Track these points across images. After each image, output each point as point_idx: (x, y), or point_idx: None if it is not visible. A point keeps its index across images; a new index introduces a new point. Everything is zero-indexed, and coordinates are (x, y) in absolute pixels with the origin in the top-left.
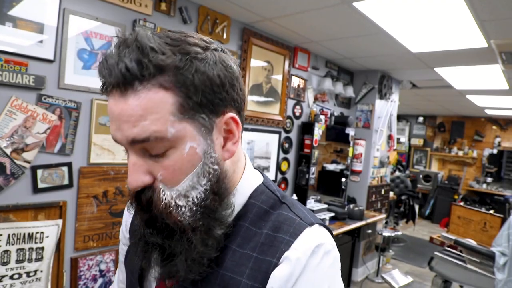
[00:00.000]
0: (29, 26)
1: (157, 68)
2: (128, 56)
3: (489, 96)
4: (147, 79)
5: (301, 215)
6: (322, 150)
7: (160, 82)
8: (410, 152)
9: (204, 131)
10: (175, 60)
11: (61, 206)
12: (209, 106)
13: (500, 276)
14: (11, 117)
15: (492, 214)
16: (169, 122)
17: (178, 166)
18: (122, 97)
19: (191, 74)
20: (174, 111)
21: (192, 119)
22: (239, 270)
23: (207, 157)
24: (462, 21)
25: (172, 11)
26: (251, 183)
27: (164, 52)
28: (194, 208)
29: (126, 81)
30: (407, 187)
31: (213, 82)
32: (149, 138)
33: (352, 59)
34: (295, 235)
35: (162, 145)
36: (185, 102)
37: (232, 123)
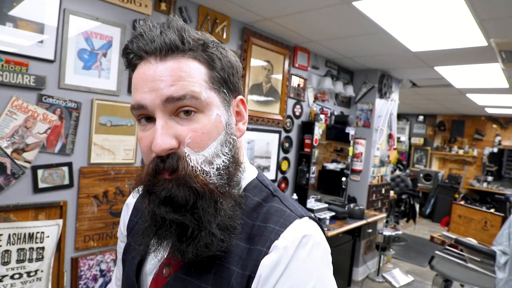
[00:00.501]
0: (30, 26)
1: (194, 43)
2: (170, 31)
3: (489, 95)
4: (186, 50)
5: (291, 208)
6: (322, 150)
7: (196, 55)
8: (411, 151)
9: (226, 104)
10: (207, 42)
11: (62, 206)
12: (229, 85)
13: (501, 275)
14: (11, 117)
15: (493, 213)
16: (203, 87)
17: (207, 130)
18: (161, 61)
19: (218, 55)
20: (207, 80)
21: (218, 91)
22: (233, 260)
23: (229, 128)
24: (462, 20)
25: (172, 11)
26: (247, 175)
27: (197, 34)
28: (219, 173)
29: (168, 49)
30: (407, 186)
31: (233, 66)
32: (185, 96)
33: (352, 58)
34: (284, 226)
35: (194, 106)
36: (214, 75)
37: (241, 106)
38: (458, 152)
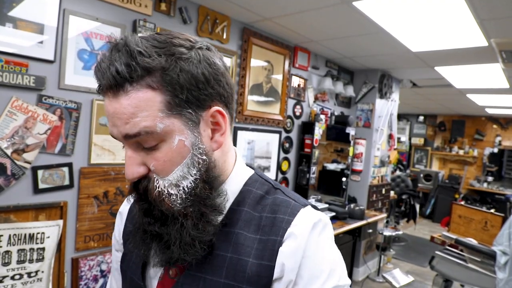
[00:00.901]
0: (29, 26)
1: (144, 70)
2: (118, 60)
3: (490, 95)
4: (136, 80)
5: (294, 198)
6: (323, 150)
7: (148, 82)
8: (411, 151)
9: (191, 125)
10: (161, 62)
11: (62, 207)
12: (195, 102)
13: (501, 275)
14: (11, 118)
15: (493, 213)
16: (158, 118)
17: (169, 157)
18: (115, 98)
19: (176, 74)
20: (162, 108)
21: (180, 114)
22: (245, 251)
23: (196, 149)
24: (462, 20)
25: (172, 11)
26: (244, 172)
27: (151, 55)
28: (184, 196)
29: (117, 83)
30: (407, 187)
31: (198, 79)
32: (140, 133)
33: (352, 58)
34: (293, 214)
35: (152, 139)
36: (172, 100)
37: (219, 116)
38: (458, 152)
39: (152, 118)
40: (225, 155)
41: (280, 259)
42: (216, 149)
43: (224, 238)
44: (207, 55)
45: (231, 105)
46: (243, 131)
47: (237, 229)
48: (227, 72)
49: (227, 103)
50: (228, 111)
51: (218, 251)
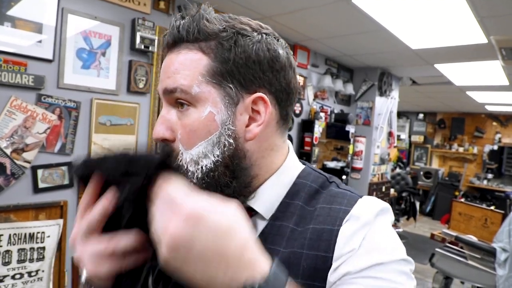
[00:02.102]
0: (28, 26)
1: (201, 33)
2: (184, 22)
3: (489, 92)
4: (191, 41)
5: (351, 190)
6: (323, 148)
7: (201, 46)
8: (411, 149)
9: (228, 101)
10: (219, 30)
11: (62, 206)
12: (239, 79)
13: (501, 272)
14: (10, 117)
15: (493, 210)
16: (197, 81)
17: (194, 127)
18: (169, 53)
19: (229, 44)
20: (204, 73)
21: (219, 85)
22: (298, 244)
23: (225, 128)
24: (462, 17)
25: (171, 10)
26: (296, 166)
27: (213, 23)
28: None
29: (175, 41)
30: (407, 184)
31: (249, 57)
32: (176, 89)
33: (351, 56)
34: (350, 205)
35: (185, 100)
36: (217, 67)
37: (261, 104)
38: (458, 149)
39: (191, 78)
40: (264, 152)
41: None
42: (250, 140)
43: (275, 232)
44: (271, 41)
45: (284, 104)
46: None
47: (290, 224)
48: (291, 69)
49: (278, 99)
50: (279, 108)
51: (270, 245)
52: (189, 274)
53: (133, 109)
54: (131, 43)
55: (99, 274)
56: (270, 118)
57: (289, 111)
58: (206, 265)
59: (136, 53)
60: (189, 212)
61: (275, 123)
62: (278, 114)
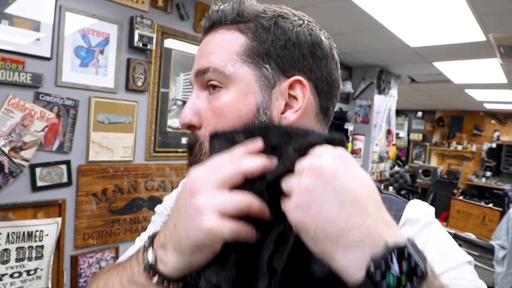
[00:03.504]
0: (26, 23)
1: (240, 15)
2: (224, 5)
3: (488, 90)
4: (230, 22)
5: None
6: None
7: (240, 27)
8: (409, 147)
9: (264, 83)
10: (260, 13)
11: (60, 204)
12: (277, 60)
13: (499, 269)
14: (8, 116)
15: (491, 208)
16: (231, 60)
17: (224, 111)
18: (205, 36)
19: (268, 25)
20: (240, 52)
21: (256, 66)
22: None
23: (258, 113)
24: (460, 15)
25: (169, 8)
26: None
27: (255, 5)
28: None
29: (213, 23)
30: (406, 182)
31: (289, 39)
32: (208, 68)
33: (350, 54)
34: (400, 210)
35: (218, 80)
36: (254, 46)
37: (298, 88)
38: (457, 147)
39: (226, 57)
40: None
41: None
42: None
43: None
44: (314, 27)
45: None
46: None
47: None
48: (333, 61)
49: (318, 87)
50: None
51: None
52: (322, 217)
53: (132, 107)
54: (129, 41)
55: (218, 233)
56: (308, 106)
57: (329, 105)
58: (344, 207)
59: (134, 51)
60: (339, 153)
61: (313, 114)
62: (317, 105)
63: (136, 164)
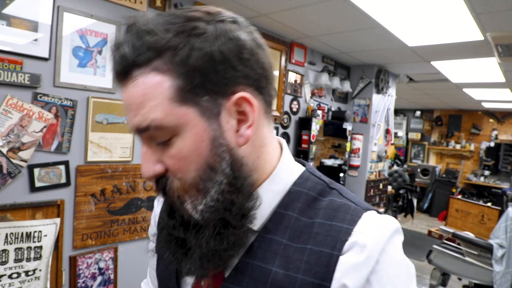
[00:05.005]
0: (24, 24)
1: (151, 51)
2: (124, 43)
3: (486, 89)
4: (143, 64)
5: (354, 201)
6: (320, 146)
7: (156, 66)
8: (408, 146)
9: (209, 116)
10: (170, 40)
11: (59, 205)
12: (213, 87)
13: (498, 268)
14: (6, 116)
15: (490, 207)
16: (168, 109)
17: (183, 155)
18: (125, 86)
19: (186, 53)
20: (172, 96)
21: (194, 103)
22: (293, 266)
23: (216, 145)
24: (458, 14)
25: (168, 7)
26: (292, 169)
27: (159, 33)
28: (205, 202)
29: (124, 69)
30: (405, 181)
31: (214, 59)
32: (149, 127)
33: (348, 53)
34: (353, 222)
35: (164, 133)
36: (183, 85)
37: (245, 104)
38: (455, 146)
39: (161, 108)
40: (258, 151)
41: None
42: (243, 144)
43: (266, 247)
44: (229, 28)
45: (265, 89)
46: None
47: (284, 239)
48: (260, 49)
49: (259, 87)
50: (262, 96)
51: (260, 263)
52: None
53: None
54: None
55: None
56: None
57: (271, 93)
58: None
59: None
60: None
61: (262, 114)
62: (263, 103)
63: (134, 164)
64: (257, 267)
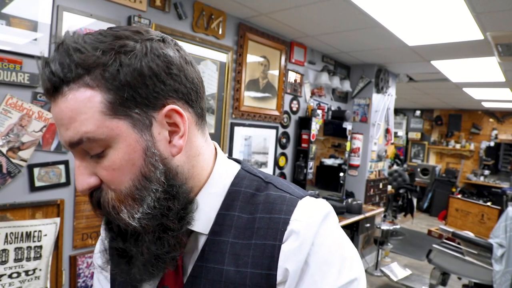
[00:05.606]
0: (23, 23)
1: (80, 68)
2: (53, 60)
3: (486, 89)
4: (72, 80)
5: (289, 191)
6: (320, 145)
7: (86, 81)
8: (408, 146)
9: (141, 128)
10: (99, 58)
11: (59, 205)
12: (143, 101)
13: (497, 267)
14: (6, 116)
15: (490, 206)
16: (99, 121)
17: (117, 166)
18: (55, 102)
19: (115, 69)
20: (103, 110)
21: (126, 116)
22: (242, 262)
23: (149, 155)
24: (458, 13)
25: (167, 7)
26: (228, 172)
27: (88, 51)
28: (141, 210)
29: (54, 85)
30: (405, 181)
31: (143, 74)
32: (81, 139)
33: (348, 53)
34: (289, 212)
35: (97, 146)
36: (114, 99)
37: (175, 115)
38: (455, 146)
39: (92, 121)
40: (192, 160)
41: (282, 264)
42: (177, 154)
43: (216, 248)
44: (157, 46)
45: (195, 102)
46: (240, 127)
47: (229, 238)
48: (188, 65)
49: (189, 100)
50: (193, 109)
51: (212, 264)
52: None
53: None
54: None
55: None
56: (189, 125)
57: (202, 106)
58: None
59: None
60: None
61: (194, 126)
62: (194, 115)
63: None
64: (210, 269)
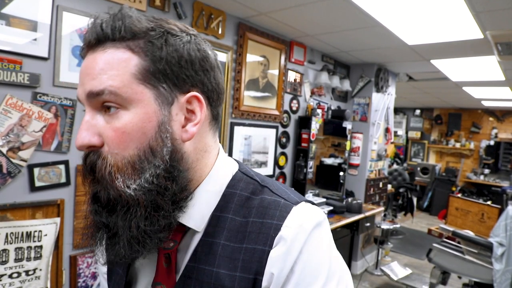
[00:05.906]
0: (23, 24)
1: (128, 32)
2: (107, 20)
3: (486, 88)
4: (117, 40)
5: (284, 196)
6: (320, 144)
7: (129, 45)
8: (408, 145)
9: (163, 102)
10: (148, 29)
11: (59, 204)
12: (173, 79)
13: (498, 266)
14: (6, 116)
15: (490, 205)
16: (127, 81)
17: (128, 130)
18: (92, 54)
19: (160, 43)
20: (135, 73)
21: (152, 86)
22: (233, 266)
23: (162, 130)
24: (458, 12)
25: (167, 7)
26: (226, 171)
27: (140, 22)
28: (138, 182)
29: (99, 39)
30: (405, 180)
31: (182, 56)
32: (103, 91)
33: (348, 52)
34: (282, 218)
35: (115, 102)
36: (148, 67)
37: (195, 102)
38: (455, 145)
39: (121, 78)
40: (199, 153)
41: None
42: (187, 140)
43: (208, 250)
44: (200, 41)
45: (215, 103)
46: (240, 126)
47: (222, 240)
48: (219, 69)
49: (210, 99)
50: (211, 108)
51: (204, 266)
52: None
53: None
54: None
55: None
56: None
57: (219, 111)
58: None
59: None
60: None
61: (208, 123)
62: (210, 114)
63: None
64: (202, 270)
